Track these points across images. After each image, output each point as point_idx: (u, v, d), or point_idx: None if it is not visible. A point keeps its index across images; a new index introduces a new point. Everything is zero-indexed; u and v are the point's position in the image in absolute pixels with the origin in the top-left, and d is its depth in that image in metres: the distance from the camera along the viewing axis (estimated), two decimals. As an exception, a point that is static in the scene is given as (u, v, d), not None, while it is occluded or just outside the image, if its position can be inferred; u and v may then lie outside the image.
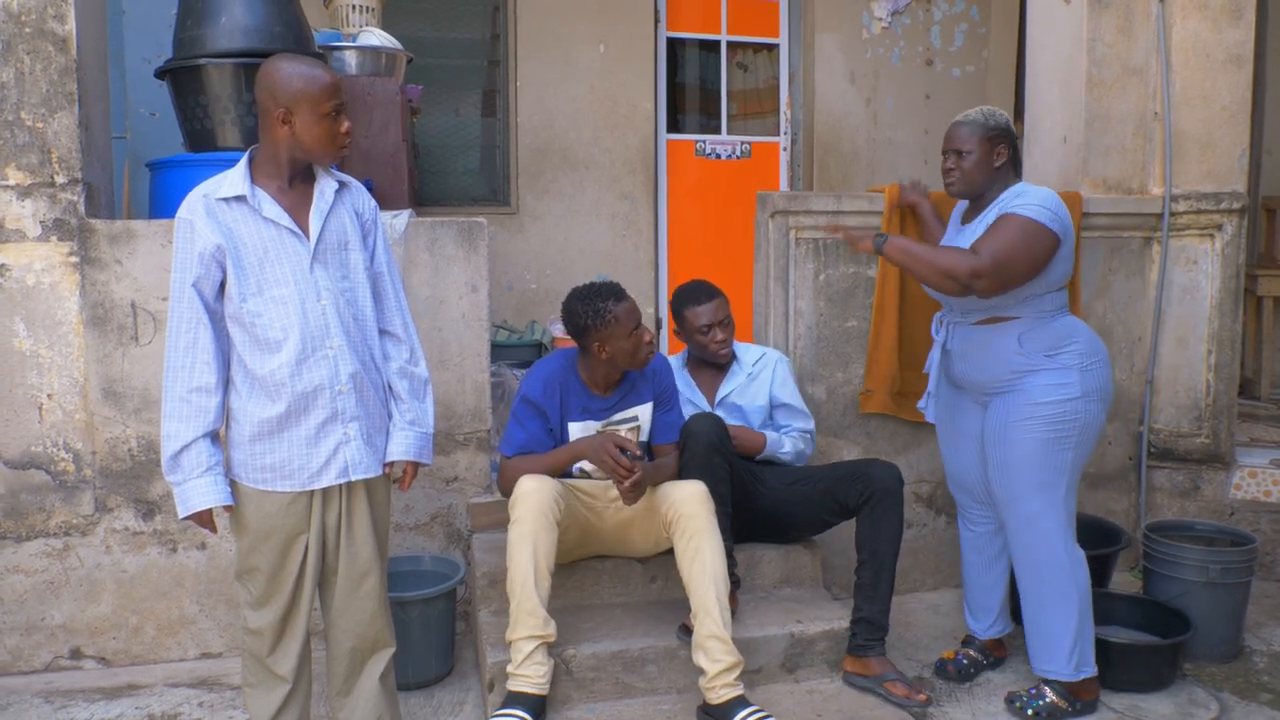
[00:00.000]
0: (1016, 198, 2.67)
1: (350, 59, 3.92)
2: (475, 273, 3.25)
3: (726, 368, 3.24)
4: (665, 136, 5.84)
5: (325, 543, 2.22)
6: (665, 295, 5.79)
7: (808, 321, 3.48)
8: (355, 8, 4.11)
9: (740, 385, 3.21)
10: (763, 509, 3.07)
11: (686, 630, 2.78)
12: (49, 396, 3.03)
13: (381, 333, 2.29)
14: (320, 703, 2.62)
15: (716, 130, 5.98)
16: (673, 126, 5.91)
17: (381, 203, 3.50)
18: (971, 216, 2.81)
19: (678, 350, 3.44)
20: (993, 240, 2.59)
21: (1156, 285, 3.68)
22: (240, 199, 2.11)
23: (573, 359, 2.89)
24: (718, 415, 2.97)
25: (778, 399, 3.20)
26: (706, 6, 5.89)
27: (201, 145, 3.39)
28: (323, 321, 2.13)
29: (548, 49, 5.51)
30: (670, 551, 2.77)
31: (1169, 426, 3.75)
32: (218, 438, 2.15)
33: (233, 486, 2.16)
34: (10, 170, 2.95)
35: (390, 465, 2.29)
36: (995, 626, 3.03)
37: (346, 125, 2.15)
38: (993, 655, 3.04)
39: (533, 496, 2.61)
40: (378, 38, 3.99)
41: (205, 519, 2.15)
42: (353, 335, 2.18)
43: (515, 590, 2.59)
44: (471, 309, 3.26)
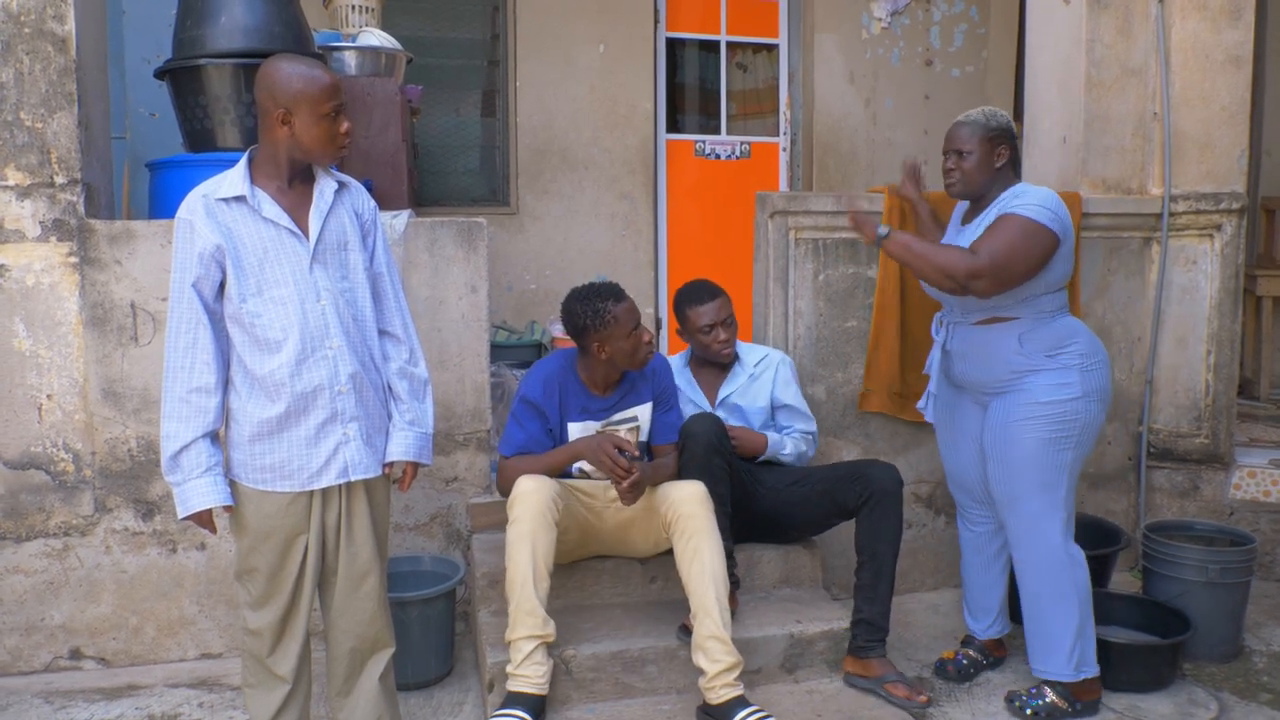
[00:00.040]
0: (1016, 198, 2.67)
1: (350, 59, 3.92)
2: (475, 273, 3.25)
3: (729, 368, 3.24)
4: (665, 137, 5.84)
5: (325, 543, 2.22)
6: (665, 295, 5.79)
7: (807, 322, 3.48)
8: (355, 8, 4.10)
9: (742, 386, 3.21)
10: (762, 509, 3.07)
11: (686, 630, 2.78)
12: (49, 397, 3.03)
13: (381, 333, 2.29)
14: (320, 703, 2.62)
15: (716, 130, 5.97)
16: (672, 127, 5.90)
17: (381, 203, 3.50)
18: (972, 217, 2.81)
19: (677, 350, 3.44)
20: (991, 241, 2.59)
21: (1156, 285, 3.68)
22: (240, 199, 2.11)
23: (572, 359, 2.89)
24: (717, 416, 2.97)
25: (779, 400, 3.20)
26: (706, 7, 5.88)
27: (201, 145, 3.39)
28: (322, 322, 2.13)
29: (547, 49, 5.51)
30: (670, 552, 2.77)
31: (1168, 426, 3.75)
32: (217, 438, 2.15)
33: (232, 487, 2.17)
34: (10, 170, 2.95)
35: (390, 465, 2.29)
36: (995, 626, 3.03)
37: (346, 126, 2.15)
38: (992, 655, 3.05)
39: (531, 497, 2.61)
40: (377, 38, 3.99)
41: (205, 519, 2.15)
42: (352, 335, 2.18)
43: (514, 590, 2.59)
44: (471, 309, 3.26)
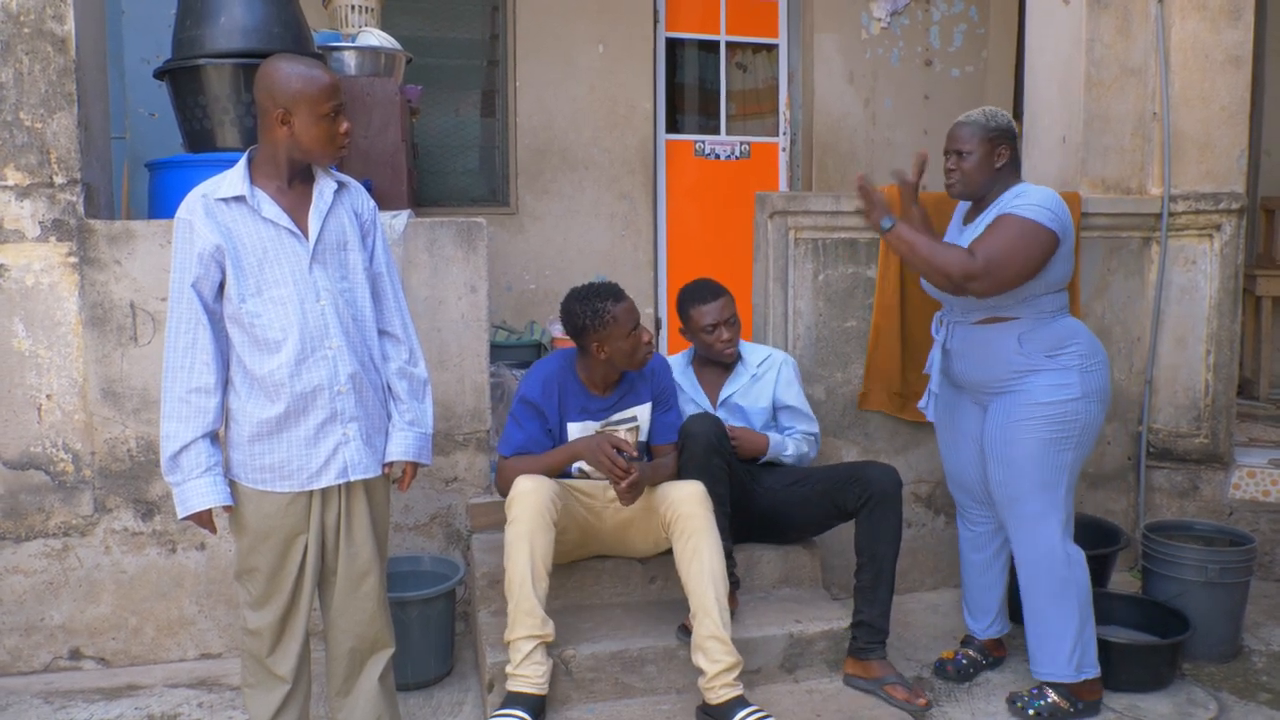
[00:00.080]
0: (1016, 198, 2.67)
1: (349, 59, 3.92)
2: (474, 273, 3.25)
3: (731, 368, 3.23)
4: (664, 137, 5.84)
5: (324, 543, 2.22)
6: (664, 295, 5.79)
7: (806, 322, 3.48)
8: (354, 8, 4.11)
9: (744, 386, 3.20)
10: (761, 510, 3.07)
11: (686, 630, 2.78)
12: (48, 397, 3.03)
13: (380, 333, 2.29)
14: (320, 703, 2.62)
15: (715, 130, 5.97)
16: (672, 127, 5.91)
17: (381, 203, 3.50)
18: (973, 216, 2.81)
19: (677, 350, 3.44)
20: (989, 242, 2.59)
21: (1155, 285, 3.68)
22: (239, 199, 2.11)
23: (571, 359, 2.89)
24: (716, 416, 2.97)
25: (781, 401, 3.19)
26: (706, 7, 5.88)
27: (201, 145, 3.39)
28: (322, 322, 2.13)
29: (547, 49, 5.51)
30: (669, 552, 2.77)
31: (1168, 426, 3.75)
32: (217, 438, 2.15)
33: (232, 487, 2.17)
34: (9, 170, 2.95)
35: (389, 465, 2.29)
36: (994, 626, 3.03)
37: (345, 126, 2.15)
38: (992, 655, 3.05)
39: (529, 497, 2.61)
40: (377, 38, 3.99)
41: (205, 519, 2.15)
42: (352, 336, 2.18)
43: (513, 590, 2.59)
44: (470, 309, 3.26)
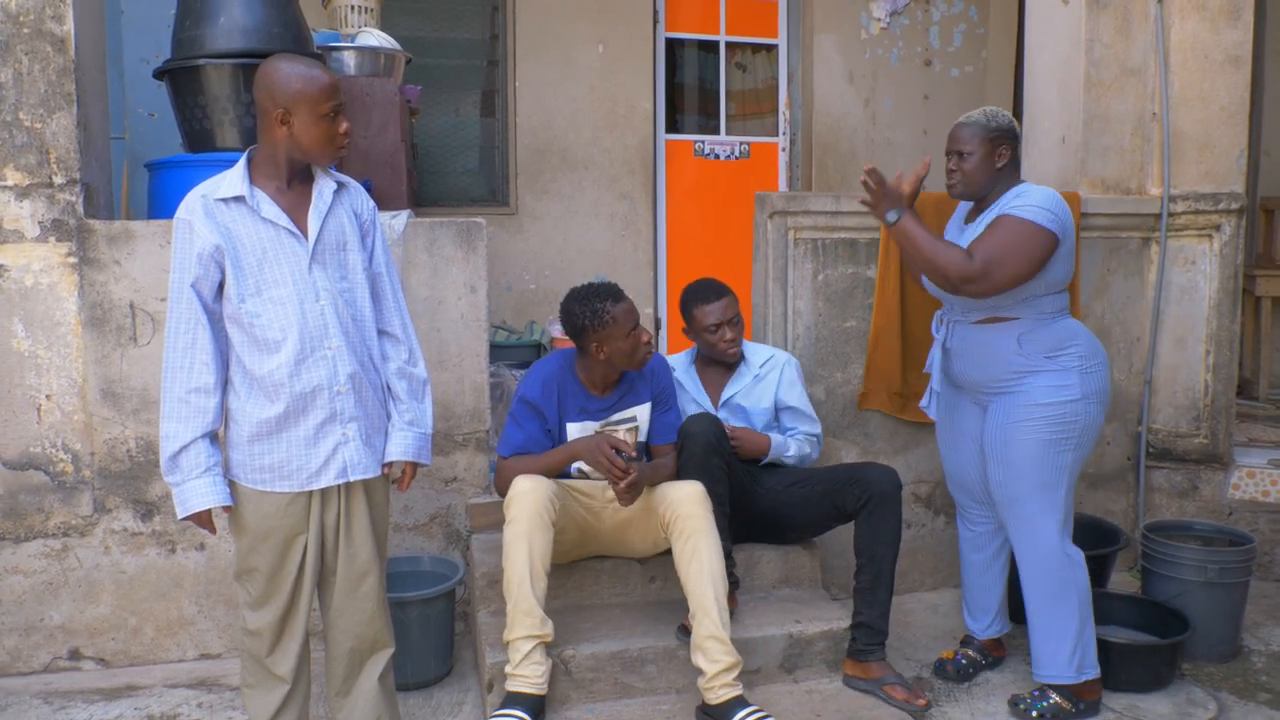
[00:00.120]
0: (1017, 198, 2.67)
1: (349, 59, 3.92)
2: (474, 273, 3.25)
3: (734, 368, 3.22)
4: (664, 137, 5.84)
5: (324, 543, 2.22)
6: (664, 296, 5.79)
7: (806, 322, 3.48)
8: (354, 8, 4.10)
9: (746, 386, 3.20)
10: (760, 510, 3.07)
11: (685, 631, 2.78)
12: (47, 397, 3.03)
13: (380, 333, 2.29)
14: (319, 703, 2.62)
15: (715, 130, 5.97)
16: (671, 127, 5.90)
17: (380, 203, 3.50)
18: (974, 216, 2.81)
19: (677, 350, 3.44)
20: (987, 243, 2.59)
21: (1155, 285, 3.68)
22: (239, 199, 2.11)
23: (571, 359, 2.89)
24: (715, 416, 2.97)
25: (783, 402, 3.19)
26: (705, 7, 5.88)
27: (200, 146, 3.38)
28: (321, 322, 2.13)
29: (547, 49, 5.51)
30: (669, 552, 2.77)
31: (1167, 427, 3.75)
32: (216, 438, 2.15)
33: (231, 487, 2.17)
34: (8, 170, 2.95)
35: (389, 465, 2.29)
36: (994, 626, 3.03)
37: (345, 126, 2.15)
38: (991, 655, 3.05)
39: (528, 497, 2.61)
40: (376, 38, 3.99)
41: (204, 520, 2.15)
42: (351, 336, 2.18)
43: (512, 590, 2.59)
44: (470, 309, 3.26)
